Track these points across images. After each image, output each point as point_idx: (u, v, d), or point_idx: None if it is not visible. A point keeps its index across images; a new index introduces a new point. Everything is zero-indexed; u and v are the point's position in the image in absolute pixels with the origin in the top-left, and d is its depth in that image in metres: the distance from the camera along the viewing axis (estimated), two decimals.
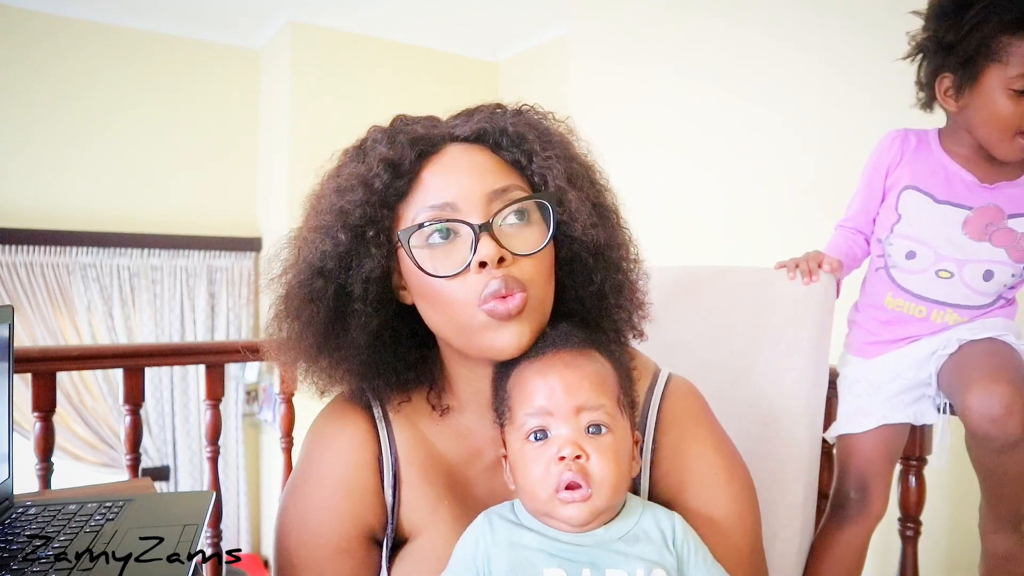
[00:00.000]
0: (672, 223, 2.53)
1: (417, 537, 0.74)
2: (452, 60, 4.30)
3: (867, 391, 1.18)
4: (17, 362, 1.39)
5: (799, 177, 2.18)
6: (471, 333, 0.68)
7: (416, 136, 0.71)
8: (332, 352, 0.73)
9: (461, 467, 0.77)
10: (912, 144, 1.15)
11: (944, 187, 1.11)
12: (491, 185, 0.69)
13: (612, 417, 0.65)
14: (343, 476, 0.75)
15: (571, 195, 0.71)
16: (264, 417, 4.22)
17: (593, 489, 0.62)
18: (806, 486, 1.09)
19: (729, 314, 1.16)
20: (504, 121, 0.73)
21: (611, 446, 0.64)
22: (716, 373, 1.12)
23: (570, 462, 0.62)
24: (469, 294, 0.67)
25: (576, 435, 0.64)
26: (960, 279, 1.10)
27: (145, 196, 3.99)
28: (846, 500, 1.18)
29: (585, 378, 0.65)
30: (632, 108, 2.71)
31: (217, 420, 1.70)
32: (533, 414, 0.65)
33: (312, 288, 0.71)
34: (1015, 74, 0.98)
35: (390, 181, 0.70)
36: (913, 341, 1.15)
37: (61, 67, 3.75)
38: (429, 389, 0.79)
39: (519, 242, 0.68)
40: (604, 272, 0.75)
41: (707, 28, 2.45)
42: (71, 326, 3.83)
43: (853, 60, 2.01)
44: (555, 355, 0.67)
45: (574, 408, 0.64)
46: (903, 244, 1.15)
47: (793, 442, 1.07)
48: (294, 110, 3.84)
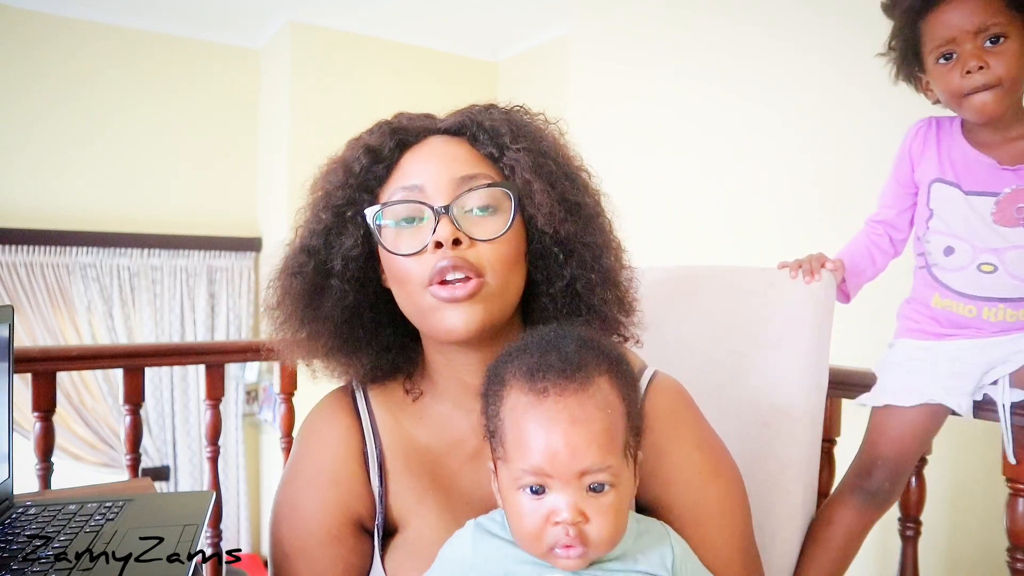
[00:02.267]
0: (672, 223, 2.53)
1: (406, 528, 0.76)
2: (452, 60, 4.30)
3: (918, 368, 1.13)
4: (17, 362, 1.39)
5: (799, 177, 2.18)
6: (426, 312, 0.71)
7: (399, 127, 0.77)
8: (309, 324, 0.77)
9: (444, 458, 0.79)
10: (935, 132, 1.13)
11: (969, 176, 1.08)
12: (459, 172, 0.72)
13: (617, 474, 0.61)
14: (331, 467, 0.78)
15: (537, 187, 0.72)
16: (264, 417, 4.22)
17: (590, 548, 0.60)
18: (806, 486, 1.09)
19: (729, 314, 1.16)
20: (484, 117, 0.76)
21: (613, 504, 0.60)
22: (716, 373, 1.12)
23: (567, 527, 0.59)
24: (423, 273, 0.70)
25: (576, 497, 0.59)
26: (1004, 270, 1.06)
27: (145, 196, 3.99)
28: (879, 488, 1.13)
29: (593, 440, 0.59)
30: (632, 108, 2.71)
31: (217, 420, 1.70)
32: (531, 472, 0.60)
33: (296, 262, 0.76)
34: (935, 45, 1.04)
35: (369, 165, 0.75)
36: (970, 338, 1.11)
37: (61, 67, 3.75)
38: (406, 376, 0.82)
39: (480, 230, 0.71)
40: (576, 270, 0.75)
41: (707, 28, 2.45)
42: (71, 326, 3.82)
43: (853, 60, 2.00)
44: (559, 400, 0.60)
45: (577, 472, 0.59)
46: (940, 240, 1.11)
47: (793, 442, 1.07)
48: (294, 110, 3.84)
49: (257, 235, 4.28)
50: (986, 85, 1.00)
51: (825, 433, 1.23)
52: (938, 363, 1.12)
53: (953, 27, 1.01)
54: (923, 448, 1.17)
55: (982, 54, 1.00)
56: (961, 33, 1.01)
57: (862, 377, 1.23)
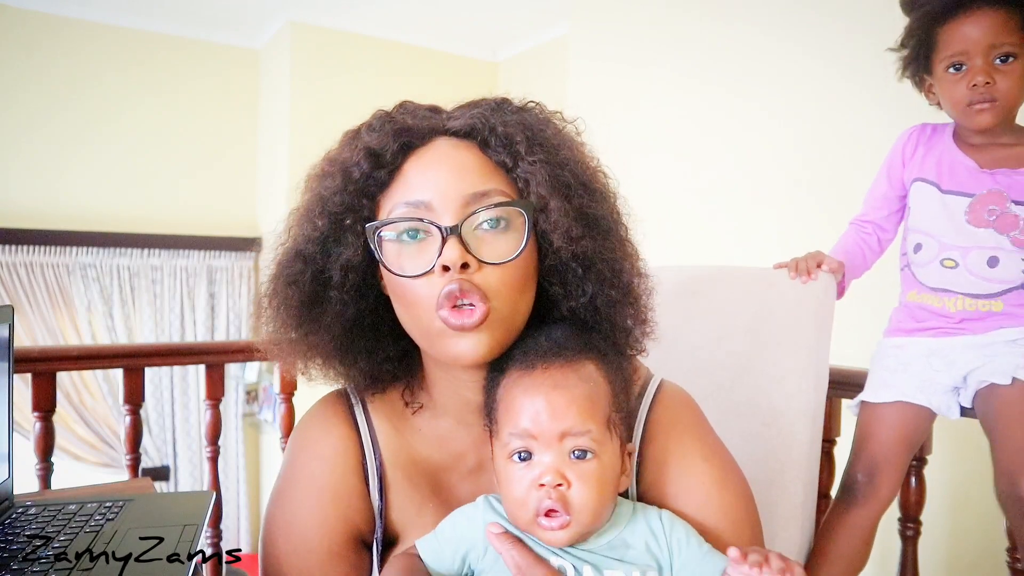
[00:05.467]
0: (672, 223, 2.53)
1: (405, 539, 0.74)
2: (452, 60, 4.30)
3: (895, 367, 1.18)
4: (17, 362, 1.39)
5: (798, 177, 2.18)
6: (432, 337, 0.67)
7: (403, 126, 0.70)
8: (307, 335, 0.73)
9: (444, 471, 0.77)
10: (927, 136, 1.19)
11: (949, 176, 1.14)
12: (471, 187, 0.66)
13: (598, 442, 0.63)
14: (329, 481, 0.74)
15: (553, 203, 0.68)
16: (264, 417, 4.22)
17: (572, 516, 0.61)
18: (806, 486, 1.09)
19: (729, 314, 1.16)
20: (496, 119, 0.70)
21: (595, 472, 0.62)
22: (716, 373, 1.12)
23: (550, 489, 0.61)
24: (430, 295, 0.65)
25: (559, 461, 0.62)
26: (964, 267, 1.12)
27: (145, 196, 3.99)
28: (853, 482, 1.18)
29: (573, 402, 0.63)
30: (632, 108, 2.71)
31: (217, 420, 1.70)
32: (517, 435, 0.64)
33: (292, 271, 0.71)
34: (947, 55, 1.08)
35: (370, 171, 0.69)
36: (941, 334, 1.15)
37: (61, 67, 3.75)
38: (405, 386, 0.79)
39: (490, 249, 0.66)
40: (597, 285, 0.71)
41: (707, 28, 2.45)
42: (71, 326, 3.83)
43: (852, 60, 2.01)
44: (545, 371, 0.65)
45: (559, 434, 0.62)
46: (912, 237, 1.18)
47: (793, 442, 1.07)
48: (294, 110, 3.84)
49: (257, 235, 4.28)
50: (989, 100, 1.06)
51: (825, 433, 1.24)
52: (911, 362, 1.17)
53: (968, 40, 1.06)
54: (908, 446, 1.18)
55: (991, 70, 1.05)
56: (975, 47, 1.05)
57: (862, 377, 1.23)
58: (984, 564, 1.71)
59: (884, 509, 1.18)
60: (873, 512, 1.17)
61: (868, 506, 1.16)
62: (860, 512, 1.16)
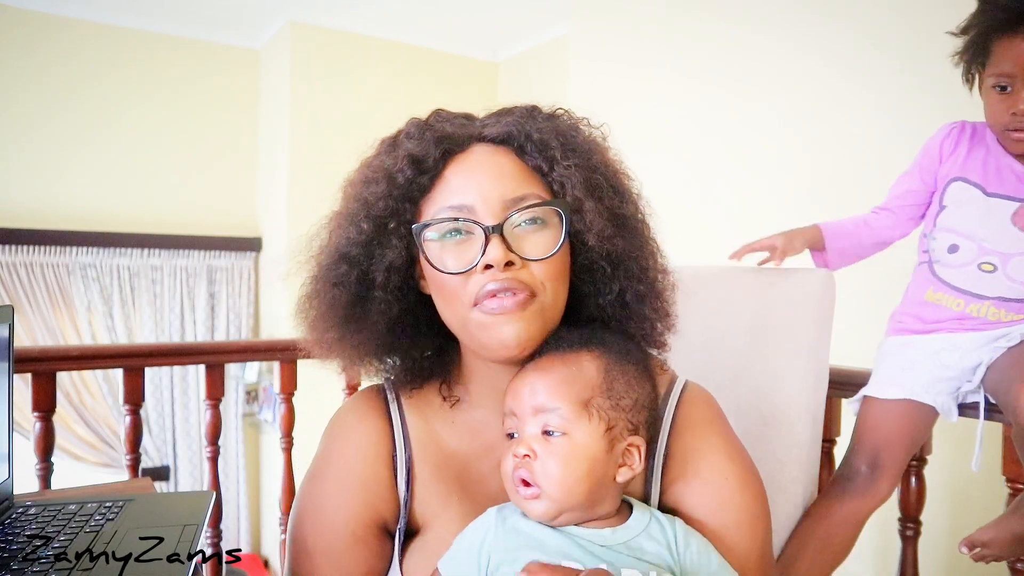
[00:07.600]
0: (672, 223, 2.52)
1: (428, 530, 0.76)
2: (452, 60, 4.30)
3: (902, 365, 1.17)
4: (17, 362, 1.39)
5: (799, 177, 2.19)
6: (473, 329, 0.70)
7: (443, 134, 0.73)
8: (353, 334, 0.76)
9: (473, 462, 0.79)
10: (968, 135, 1.16)
11: (996, 179, 1.11)
12: (511, 192, 0.70)
13: (568, 420, 0.66)
14: (360, 469, 0.78)
15: (588, 205, 0.72)
16: (264, 417, 4.22)
17: (541, 488, 0.65)
18: (806, 486, 1.09)
19: (729, 314, 1.16)
20: (530, 126, 0.74)
21: (561, 450, 0.65)
22: (716, 373, 1.13)
23: (520, 460, 0.66)
24: (470, 293, 0.69)
25: (531, 437, 0.67)
26: (1003, 272, 1.10)
27: (145, 196, 3.99)
28: (855, 473, 1.17)
29: (549, 383, 0.67)
30: (632, 108, 2.71)
31: (217, 420, 1.70)
32: (506, 415, 0.70)
33: (337, 272, 0.74)
34: (996, 72, 1.05)
35: (413, 177, 0.72)
36: (949, 331, 1.14)
37: (61, 67, 3.76)
38: (442, 381, 0.82)
39: (531, 245, 0.70)
40: (625, 281, 0.76)
41: (707, 28, 2.45)
42: (71, 326, 3.83)
43: (853, 60, 2.01)
44: (540, 360, 0.69)
45: (531, 410, 0.67)
46: (946, 237, 1.14)
47: (793, 442, 1.07)
48: (294, 110, 3.84)
49: (257, 235, 4.28)
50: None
51: (825, 433, 1.24)
52: (919, 360, 1.16)
53: (1019, 61, 1.02)
54: (910, 444, 1.18)
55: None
56: (1023, 70, 1.02)
57: (862, 377, 1.23)
58: (984, 564, 1.71)
59: (879, 505, 1.18)
60: (869, 506, 1.17)
61: (865, 499, 1.16)
62: (857, 503, 1.16)
